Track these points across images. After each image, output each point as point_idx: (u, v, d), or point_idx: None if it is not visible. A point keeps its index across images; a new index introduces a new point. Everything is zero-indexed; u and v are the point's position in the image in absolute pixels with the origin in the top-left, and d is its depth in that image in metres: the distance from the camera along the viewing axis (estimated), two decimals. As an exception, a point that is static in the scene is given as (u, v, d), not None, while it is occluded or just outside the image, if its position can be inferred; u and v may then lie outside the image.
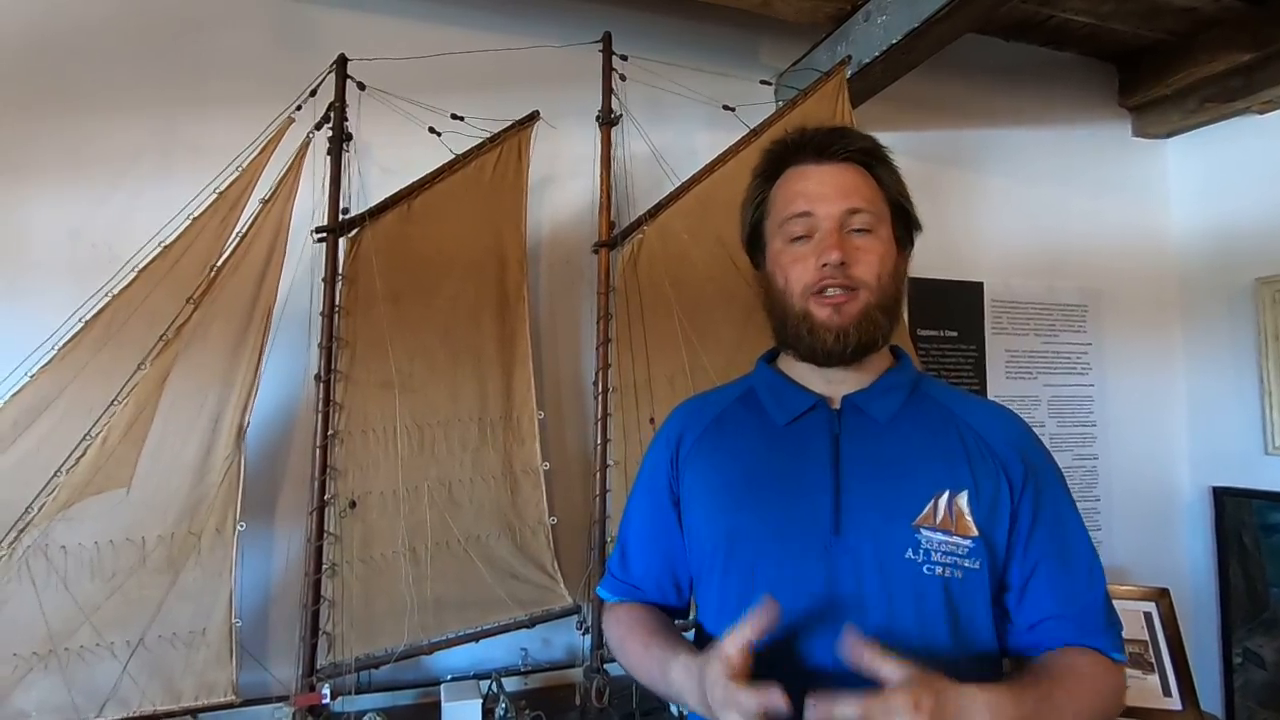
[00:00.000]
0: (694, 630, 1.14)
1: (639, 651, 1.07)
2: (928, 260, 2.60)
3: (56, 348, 1.59)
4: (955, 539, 0.94)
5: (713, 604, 1.06)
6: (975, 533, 0.95)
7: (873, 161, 1.04)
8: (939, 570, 0.94)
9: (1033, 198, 2.87)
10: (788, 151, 1.06)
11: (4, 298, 1.79)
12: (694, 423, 1.14)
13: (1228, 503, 2.75)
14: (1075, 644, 0.97)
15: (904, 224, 1.06)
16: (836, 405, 1.04)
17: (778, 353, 1.12)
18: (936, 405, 1.05)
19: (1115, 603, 1.02)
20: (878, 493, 0.97)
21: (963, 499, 0.96)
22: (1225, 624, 2.74)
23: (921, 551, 0.94)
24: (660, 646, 1.03)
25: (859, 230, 1.00)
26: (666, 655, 1.00)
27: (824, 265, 0.97)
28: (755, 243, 1.11)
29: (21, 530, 1.53)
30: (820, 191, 1.00)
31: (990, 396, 2.71)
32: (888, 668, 0.79)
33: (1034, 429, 1.08)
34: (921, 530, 0.94)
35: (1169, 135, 3.03)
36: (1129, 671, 2.03)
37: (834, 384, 1.04)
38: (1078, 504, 1.05)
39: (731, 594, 1.02)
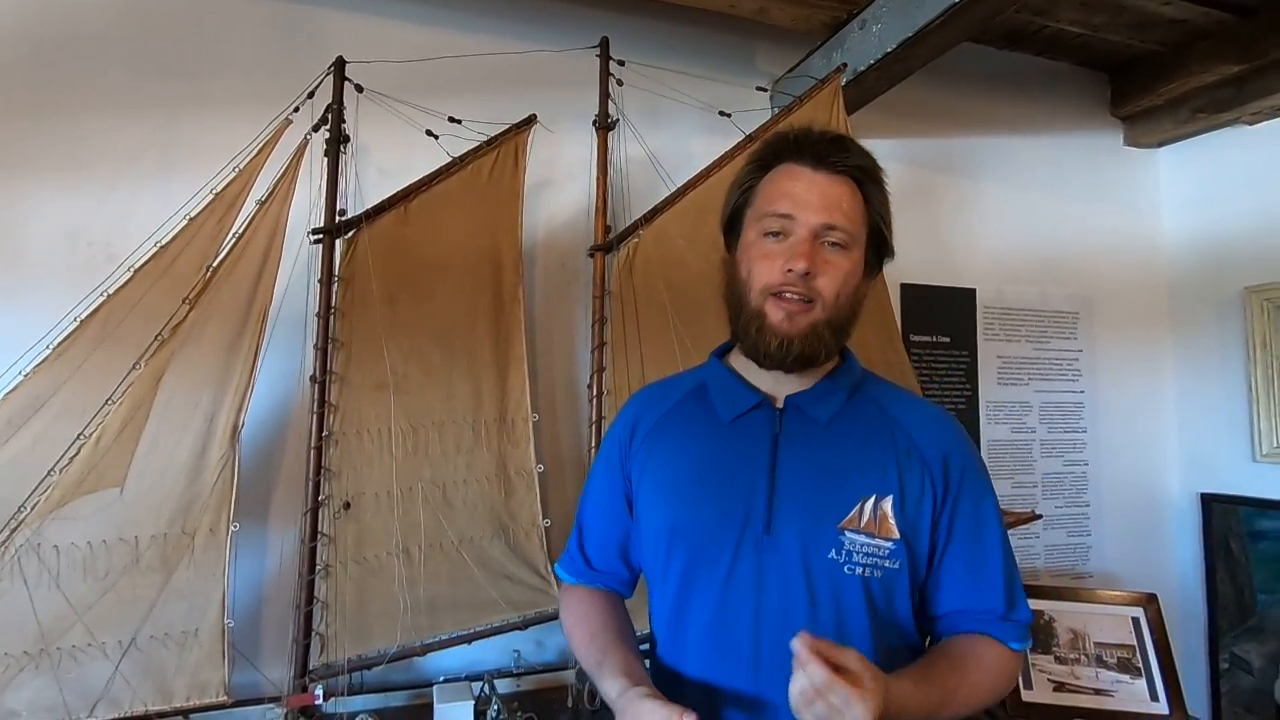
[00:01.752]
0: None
1: (585, 642, 1.13)
2: (920, 266, 2.63)
3: (52, 346, 1.59)
4: (877, 541, 1.00)
5: (658, 597, 1.11)
6: (897, 535, 1.00)
7: (866, 180, 1.05)
8: (859, 570, 0.99)
9: (1025, 205, 2.89)
10: (787, 147, 1.07)
11: (0, 296, 1.79)
12: (648, 412, 1.18)
13: (1216, 509, 2.78)
14: (975, 631, 1.05)
15: (877, 248, 1.08)
16: (780, 405, 1.08)
17: (730, 347, 1.15)
18: (875, 407, 1.09)
19: (1104, 608, 1.07)
20: (809, 494, 1.02)
21: (888, 503, 1.01)
22: (1213, 629, 2.76)
23: (844, 553, 0.99)
24: (599, 649, 1.09)
25: (833, 244, 1.02)
26: (601, 661, 1.06)
27: (789, 270, 1.00)
28: (733, 226, 1.12)
29: (14, 529, 1.53)
30: (806, 198, 1.02)
31: (982, 402, 2.73)
32: (846, 656, 0.85)
33: (966, 434, 1.13)
34: (846, 533, 1.00)
35: (1160, 145, 3.06)
36: (1116, 677, 2.05)
37: (780, 383, 1.08)
38: (1067, 509, 1.10)
39: (671, 588, 1.08)
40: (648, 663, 1.11)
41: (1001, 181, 2.86)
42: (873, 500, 1.01)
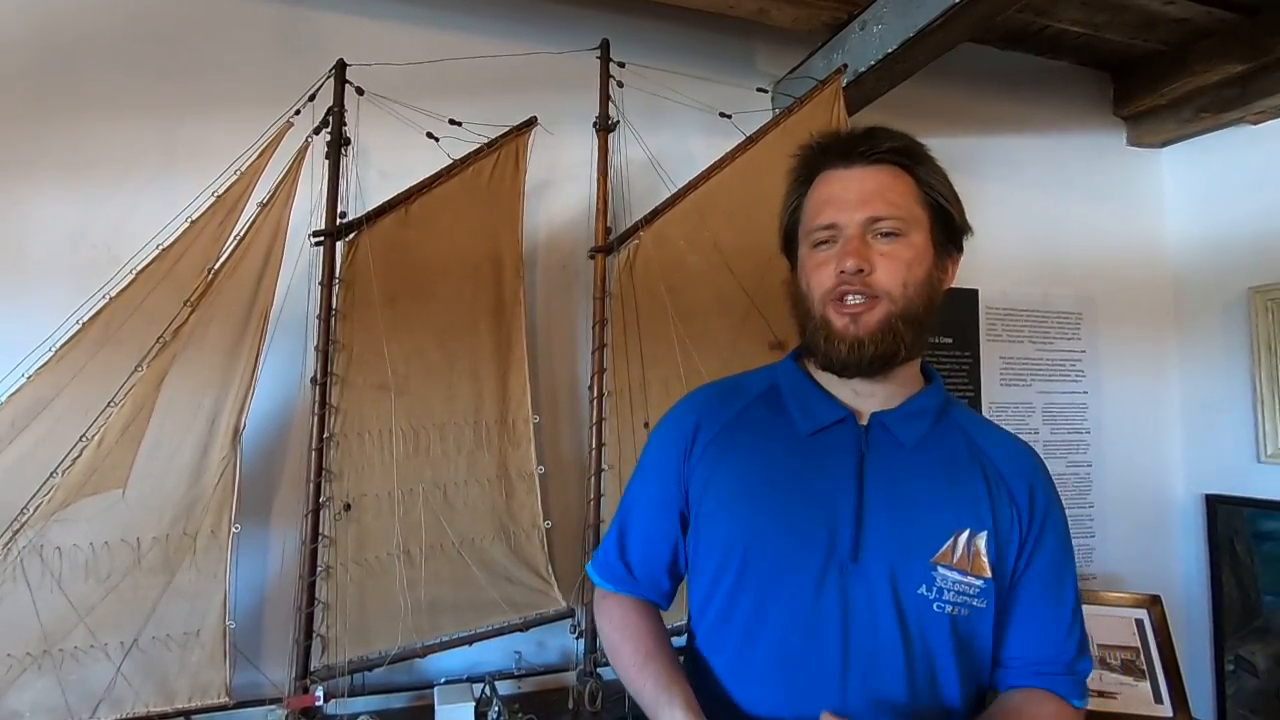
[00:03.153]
0: (686, 635, 1.14)
1: (634, 667, 1.05)
2: (923, 267, 2.61)
3: (54, 349, 1.59)
4: (969, 579, 0.94)
5: (714, 610, 1.04)
6: (989, 574, 0.95)
7: (909, 161, 1.00)
8: (949, 609, 0.94)
9: (1028, 205, 2.88)
10: (815, 156, 1.04)
11: (2, 298, 1.80)
12: (712, 415, 1.09)
13: (1220, 510, 2.76)
14: (1037, 687, 0.99)
15: (944, 226, 1.02)
16: (864, 421, 1.02)
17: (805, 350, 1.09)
18: (961, 434, 1.03)
19: (1108, 610, 1.06)
20: (900, 523, 0.96)
21: (981, 539, 0.96)
22: (1217, 631, 2.74)
23: (935, 589, 0.94)
24: (655, 676, 1.01)
25: (885, 234, 0.96)
26: (659, 693, 0.98)
27: (841, 271, 0.95)
28: (790, 246, 1.09)
29: (17, 531, 1.53)
30: (844, 198, 0.98)
31: (984, 403, 2.72)
32: None
33: (1035, 448, 1.08)
34: (938, 568, 0.94)
35: (1164, 145, 3.05)
36: (1120, 679, 2.04)
37: (862, 397, 1.02)
38: (1070, 510, 1.07)
39: (741, 605, 1.01)
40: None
41: (1003, 182, 2.85)
42: (967, 535, 0.95)
